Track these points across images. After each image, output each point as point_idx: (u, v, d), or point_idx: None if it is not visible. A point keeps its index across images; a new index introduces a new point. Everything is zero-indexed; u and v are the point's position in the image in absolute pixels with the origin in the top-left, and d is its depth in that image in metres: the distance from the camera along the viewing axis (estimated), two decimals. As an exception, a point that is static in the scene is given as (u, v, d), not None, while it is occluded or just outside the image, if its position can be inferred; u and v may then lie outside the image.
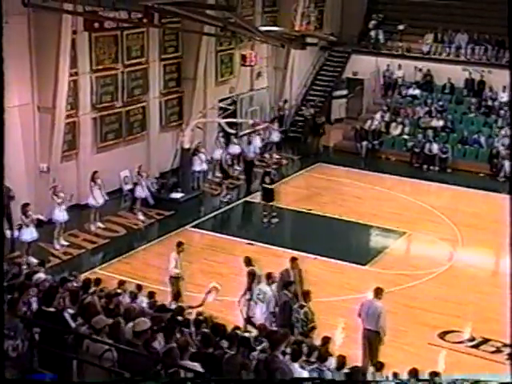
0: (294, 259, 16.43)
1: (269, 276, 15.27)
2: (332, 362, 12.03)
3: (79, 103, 22.65)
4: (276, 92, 31.86)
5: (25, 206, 18.93)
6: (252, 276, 15.72)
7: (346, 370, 11.76)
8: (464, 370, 14.50)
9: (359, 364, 13.66)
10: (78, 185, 22.25)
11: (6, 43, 6.68)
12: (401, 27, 33.70)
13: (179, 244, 17.08)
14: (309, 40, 24.16)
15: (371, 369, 12.82)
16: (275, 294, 15.10)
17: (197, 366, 9.10)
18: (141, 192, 22.98)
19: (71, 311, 11.02)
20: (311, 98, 33.22)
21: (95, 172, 21.57)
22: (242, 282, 17.62)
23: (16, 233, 18.74)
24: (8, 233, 18.43)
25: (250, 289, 15.64)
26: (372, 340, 14.86)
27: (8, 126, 7.64)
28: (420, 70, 32.35)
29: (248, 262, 16.13)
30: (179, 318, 12.36)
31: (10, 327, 8.77)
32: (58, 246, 20.22)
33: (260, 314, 14.98)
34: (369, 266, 20.10)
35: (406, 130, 30.44)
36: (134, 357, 8.71)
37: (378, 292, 14.85)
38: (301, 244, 21.04)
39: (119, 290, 13.86)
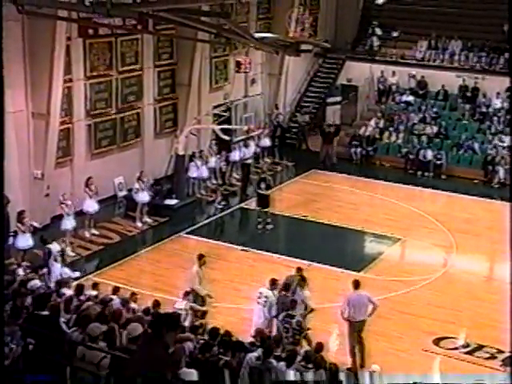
0: (299, 269, 16.35)
1: (273, 282, 15.21)
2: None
3: (73, 110, 22.62)
4: (270, 98, 31.90)
5: (21, 213, 18.91)
6: (48, 253, 17.12)
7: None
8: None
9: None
10: (73, 191, 22.19)
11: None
12: (395, 34, 33.80)
13: (200, 256, 16.44)
14: (303, 47, 24.21)
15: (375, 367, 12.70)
16: (277, 299, 15.06)
17: (193, 373, 9.10)
18: (143, 197, 22.91)
19: (64, 319, 10.98)
20: (305, 104, 33.29)
21: (89, 178, 21.55)
22: (237, 288, 17.68)
23: (11, 239, 18.68)
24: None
25: (46, 265, 16.83)
26: (361, 329, 15.16)
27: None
28: (413, 76, 32.45)
29: (44, 241, 17.66)
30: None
31: (9, 334, 8.79)
32: (69, 253, 20.29)
33: (258, 318, 14.93)
34: (363, 272, 20.09)
35: (401, 136, 30.52)
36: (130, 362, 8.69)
37: (358, 283, 15.30)
38: (295, 250, 21.04)
39: (113, 297, 13.83)
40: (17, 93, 20.31)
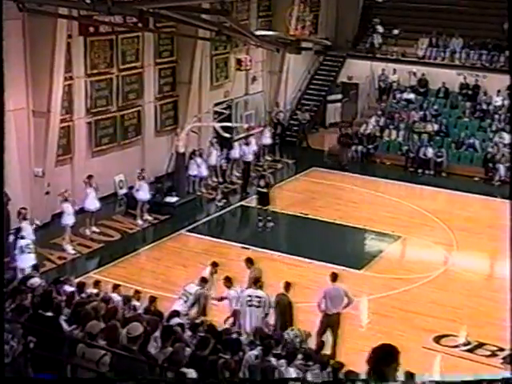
0: (250, 260, 16.47)
1: (257, 280, 15.18)
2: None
3: (74, 107, 22.64)
4: (271, 96, 31.89)
5: (22, 209, 18.91)
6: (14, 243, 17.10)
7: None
8: (459, 374, 14.50)
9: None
10: (73, 189, 22.19)
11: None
12: (395, 32, 33.77)
13: (214, 264, 16.35)
14: (304, 44, 24.18)
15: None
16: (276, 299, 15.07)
17: (192, 372, 9.11)
18: (143, 195, 22.91)
19: (64, 317, 10.97)
20: (306, 102, 33.28)
21: (90, 176, 21.55)
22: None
23: (11, 237, 18.65)
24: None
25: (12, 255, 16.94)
26: (336, 321, 15.30)
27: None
28: (414, 74, 32.43)
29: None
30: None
31: (10, 331, 8.79)
32: (70, 250, 20.34)
33: (251, 319, 14.82)
34: (364, 270, 20.10)
35: (401, 134, 30.51)
36: (131, 361, 8.70)
37: (335, 276, 15.43)
38: (296, 248, 21.06)
39: (114, 294, 13.83)
40: (17, 91, 20.32)
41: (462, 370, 15.06)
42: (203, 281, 15.41)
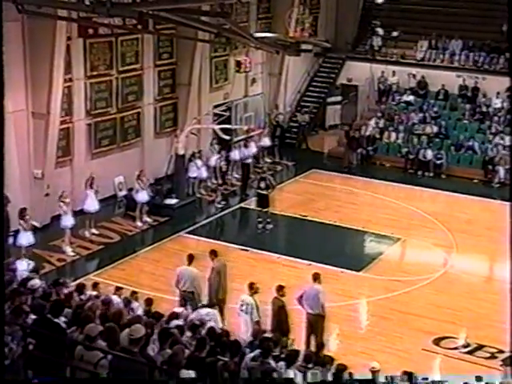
0: (214, 252, 16.49)
1: (251, 286, 15.06)
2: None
3: (73, 109, 22.63)
4: (270, 98, 31.89)
5: (23, 210, 18.93)
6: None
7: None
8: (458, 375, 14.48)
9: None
10: (73, 191, 22.19)
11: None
12: (395, 34, 33.78)
13: (190, 257, 16.32)
14: (303, 46, 24.20)
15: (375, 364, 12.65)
16: (258, 303, 14.96)
17: (191, 374, 9.09)
18: (143, 197, 22.90)
19: (64, 319, 10.95)
20: (306, 104, 33.29)
21: (92, 178, 21.51)
22: (237, 288, 17.63)
23: (11, 239, 18.65)
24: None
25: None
26: (315, 322, 15.22)
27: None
28: (414, 76, 32.44)
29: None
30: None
31: (9, 333, 8.78)
32: (69, 252, 20.33)
33: (244, 326, 14.81)
34: (363, 272, 20.10)
35: (401, 136, 30.51)
36: (131, 363, 8.69)
37: (317, 276, 15.39)
38: (295, 250, 21.05)
39: (114, 296, 13.81)
40: (17, 92, 20.33)
41: (461, 372, 15.04)
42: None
